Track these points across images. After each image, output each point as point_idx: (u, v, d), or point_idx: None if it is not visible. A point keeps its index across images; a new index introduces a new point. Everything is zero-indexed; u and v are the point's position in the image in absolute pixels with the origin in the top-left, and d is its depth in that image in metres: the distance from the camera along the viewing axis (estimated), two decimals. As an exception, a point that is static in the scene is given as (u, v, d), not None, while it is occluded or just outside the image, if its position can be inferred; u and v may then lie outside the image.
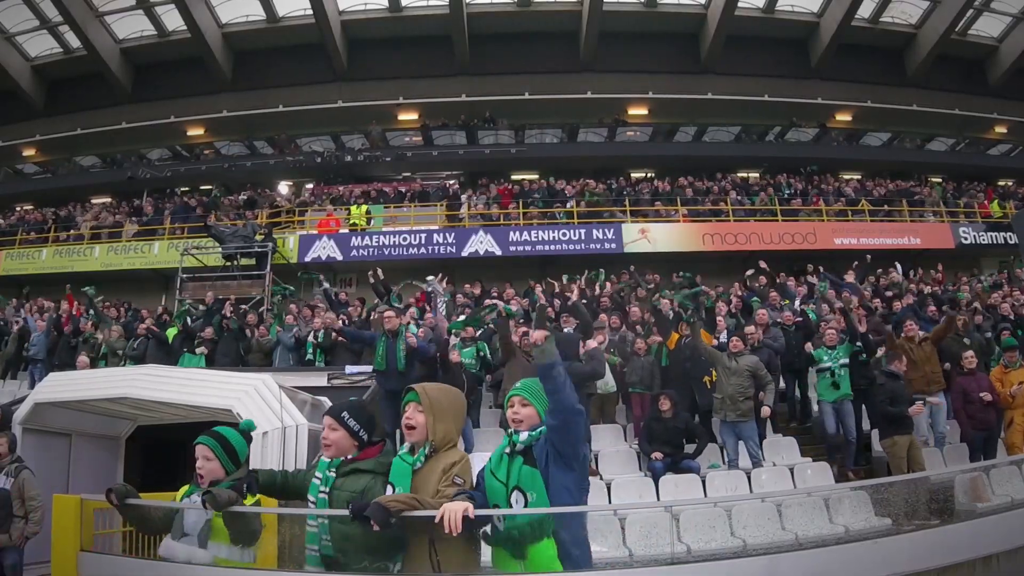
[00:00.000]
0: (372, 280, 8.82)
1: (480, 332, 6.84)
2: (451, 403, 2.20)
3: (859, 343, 6.08)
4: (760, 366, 5.65)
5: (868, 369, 6.01)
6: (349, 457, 2.25)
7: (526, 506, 2.03)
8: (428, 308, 8.64)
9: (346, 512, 2.04)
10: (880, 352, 6.11)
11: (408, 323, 6.45)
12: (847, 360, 5.95)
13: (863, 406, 6.07)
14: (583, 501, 2.13)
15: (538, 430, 2.09)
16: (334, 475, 2.22)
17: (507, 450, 2.10)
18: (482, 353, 6.55)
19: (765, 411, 5.59)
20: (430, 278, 9.23)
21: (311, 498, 2.25)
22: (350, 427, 2.24)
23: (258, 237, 11.55)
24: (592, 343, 5.49)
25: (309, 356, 7.44)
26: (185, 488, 2.50)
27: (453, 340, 6.35)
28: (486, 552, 2.16)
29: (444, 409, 2.15)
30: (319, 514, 2.20)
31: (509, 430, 2.14)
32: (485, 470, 2.17)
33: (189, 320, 8.52)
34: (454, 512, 1.87)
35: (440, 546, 1.99)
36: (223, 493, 2.22)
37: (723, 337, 6.73)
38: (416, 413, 2.14)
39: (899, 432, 5.09)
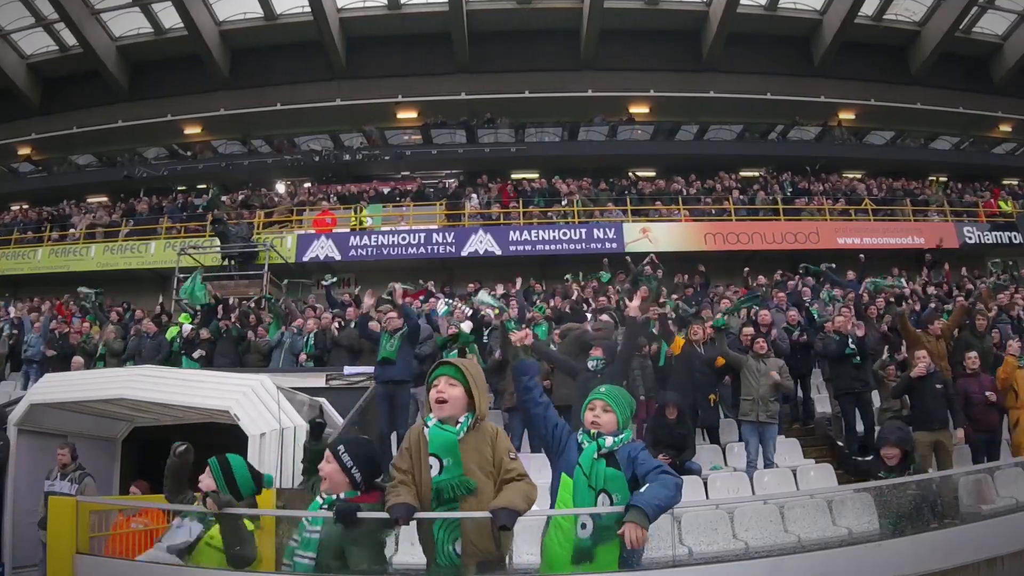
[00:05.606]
0: (327, 283, 8.98)
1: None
2: (484, 377, 2.31)
3: (852, 344, 5.94)
4: (786, 370, 5.73)
5: (862, 372, 5.92)
6: (342, 496, 2.16)
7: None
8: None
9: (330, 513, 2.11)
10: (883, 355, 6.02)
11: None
12: None
13: (856, 409, 5.97)
14: None
15: (619, 437, 2.23)
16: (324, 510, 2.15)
17: (595, 455, 2.21)
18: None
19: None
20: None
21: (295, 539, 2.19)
22: (343, 462, 2.16)
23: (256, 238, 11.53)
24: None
25: (305, 359, 7.41)
26: None
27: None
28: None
29: (482, 381, 2.22)
30: (314, 515, 2.19)
31: (592, 431, 2.25)
32: (579, 460, 2.23)
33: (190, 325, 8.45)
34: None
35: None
36: (223, 495, 2.30)
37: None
38: (448, 387, 2.13)
39: (919, 428, 5.10)
